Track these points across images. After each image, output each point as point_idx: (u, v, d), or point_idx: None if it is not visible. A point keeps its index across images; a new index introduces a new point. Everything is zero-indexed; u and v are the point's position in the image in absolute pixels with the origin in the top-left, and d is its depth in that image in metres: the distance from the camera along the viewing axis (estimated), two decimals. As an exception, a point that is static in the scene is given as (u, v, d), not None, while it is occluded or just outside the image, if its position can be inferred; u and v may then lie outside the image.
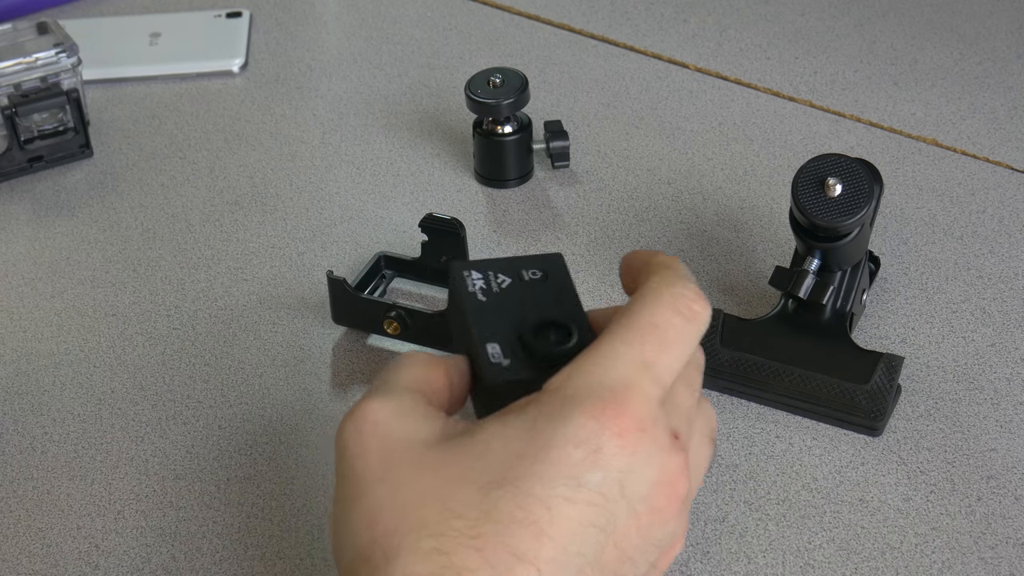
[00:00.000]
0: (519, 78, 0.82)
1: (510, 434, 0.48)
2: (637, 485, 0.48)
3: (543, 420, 0.48)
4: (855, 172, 0.66)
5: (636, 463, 0.48)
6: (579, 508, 0.47)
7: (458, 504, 0.47)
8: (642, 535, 0.49)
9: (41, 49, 0.85)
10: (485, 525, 0.47)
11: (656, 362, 0.49)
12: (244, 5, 1.05)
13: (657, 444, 0.49)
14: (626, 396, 0.48)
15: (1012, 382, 0.70)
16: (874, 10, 1.03)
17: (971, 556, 0.61)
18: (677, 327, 0.50)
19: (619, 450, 0.48)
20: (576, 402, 0.48)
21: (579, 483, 0.47)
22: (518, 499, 0.47)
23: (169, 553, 0.62)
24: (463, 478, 0.48)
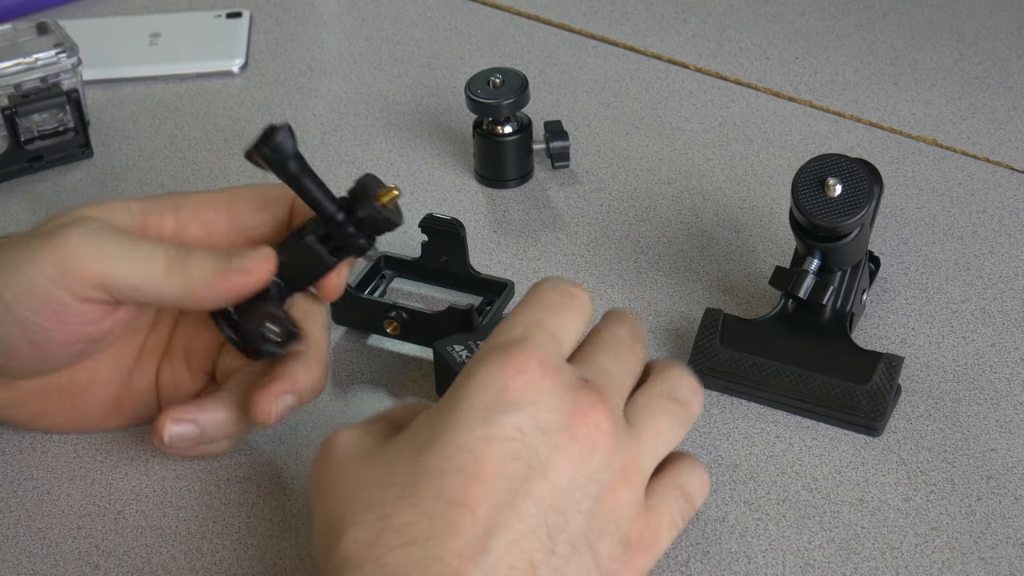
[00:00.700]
0: (519, 78, 0.82)
1: (433, 408, 0.53)
2: (550, 416, 0.52)
3: (455, 385, 0.53)
4: (855, 172, 0.66)
5: (543, 397, 0.52)
6: (498, 445, 0.50)
7: (394, 476, 0.51)
8: (572, 466, 0.51)
9: (41, 49, 0.85)
10: (418, 483, 0.50)
11: (546, 320, 0.55)
12: (244, 5, 1.05)
13: (563, 382, 0.53)
14: (523, 343, 0.53)
15: (1012, 382, 0.70)
16: (874, 10, 1.03)
17: (971, 556, 0.61)
18: (558, 300, 0.56)
19: (524, 385, 0.52)
20: (480, 357, 0.53)
21: (492, 422, 0.51)
22: (443, 451, 0.51)
23: (169, 553, 0.62)
24: (397, 456, 0.52)
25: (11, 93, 0.85)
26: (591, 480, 0.52)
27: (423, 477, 0.50)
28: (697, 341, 0.70)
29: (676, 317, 0.74)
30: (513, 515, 0.50)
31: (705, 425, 0.68)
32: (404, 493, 0.50)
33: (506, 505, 0.50)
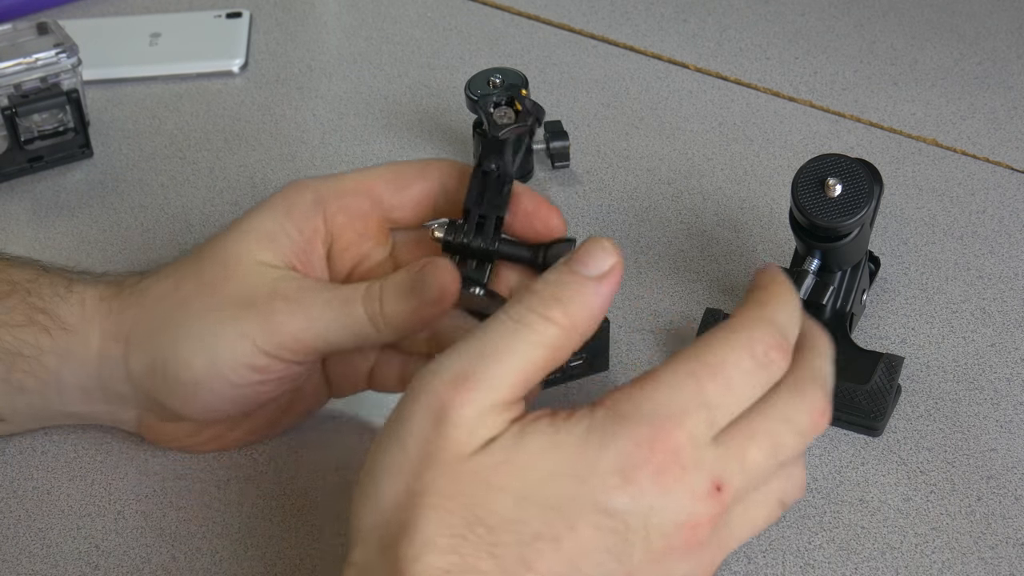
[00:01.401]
0: (519, 78, 0.82)
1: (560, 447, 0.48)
2: (661, 523, 0.48)
3: (592, 435, 0.47)
4: (855, 172, 0.66)
5: (667, 503, 0.47)
6: (601, 533, 0.47)
7: (487, 513, 0.47)
8: (653, 570, 0.48)
9: (41, 49, 0.85)
10: (507, 535, 0.47)
11: (715, 403, 0.48)
12: (244, 5, 1.05)
13: (693, 488, 0.48)
14: (676, 431, 0.47)
15: (1012, 382, 0.70)
16: (874, 10, 1.03)
17: (971, 556, 0.61)
18: (747, 369, 0.49)
19: (653, 486, 0.47)
20: (625, 424, 0.47)
21: (607, 509, 0.47)
22: (546, 514, 0.47)
23: (169, 553, 0.62)
24: (501, 487, 0.47)
25: (11, 93, 0.85)
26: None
27: (515, 531, 0.47)
28: (697, 341, 0.70)
29: (676, 317, 0.74)
30: None
31: (705, 425, 0.68)
32: (489, 537, 0.47)
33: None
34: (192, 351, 0.60)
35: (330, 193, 0.62)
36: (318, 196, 0.62)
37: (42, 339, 0.62)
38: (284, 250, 0.61)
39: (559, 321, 0.49)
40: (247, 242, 0.61)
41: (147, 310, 0.62)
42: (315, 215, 0.62)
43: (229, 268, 0.61)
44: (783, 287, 0.52)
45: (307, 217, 0.62)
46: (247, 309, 0.59)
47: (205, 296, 0.60)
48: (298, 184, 0.63)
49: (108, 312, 0.62)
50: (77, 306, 0.62)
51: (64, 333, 0.62)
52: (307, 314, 0.59)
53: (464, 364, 0.49)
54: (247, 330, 0.59)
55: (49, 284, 0.63)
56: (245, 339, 0.59)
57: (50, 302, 0.63)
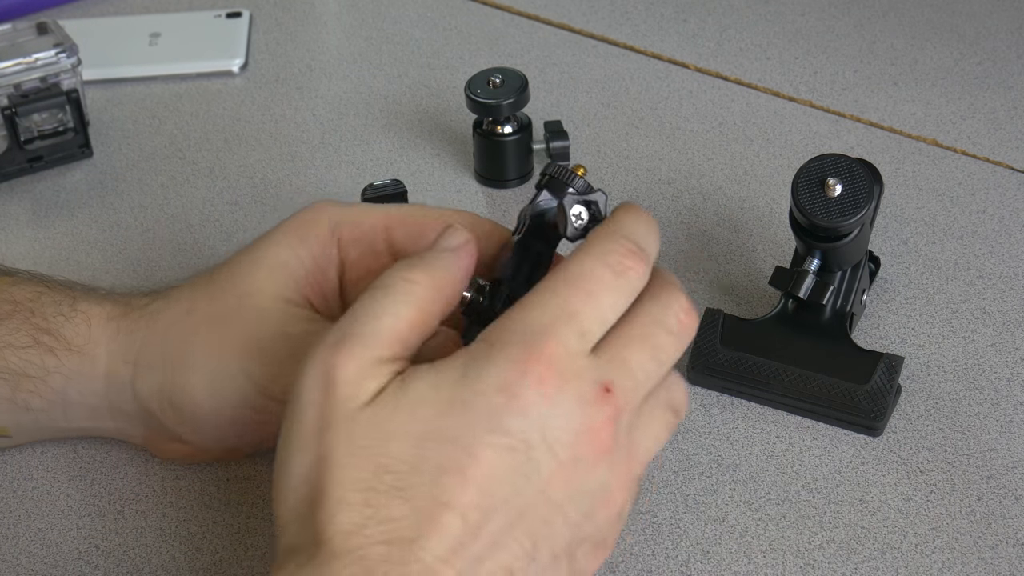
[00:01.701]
0: (519, 78, 0.82)
1: (441, 383, 0.50)
2: (558, 432, 0.49)
3: (470, 366, 0.50)
4: (855, 172, 0.66)
5: (556, 411, 0.49)
6: (500, 453, 0.49)
7: (390, 459, 0.49)
8: (568, 483, 0.50)
9: (41, 49, 0.85)
10: (413, 476, 0.48)
11: (580, 312, 0.50)
12: (244, 5, 1.05)
13: (579, 393, 0.50)
14: (546, 342, 0.50)
15: (1012, 382, 0.70)
16: (874, 10, 1.03)
17: (971, 556, 0.61)
18: (605, 279, 0.51)
19: (538, 397, 0.49)
20: (499, 347, 0.50)
21: (500, 429, 0.49)
22: (444, 448, 0.49)
23: (169, 553, 0.62)
24: (396, 433, 0.49)
25: (11, 93, 0.85)
26: (585, 495, 0.50)
27: (419, 471, 0.48)
28: (697, 341, 0.70)
29: (676, 317, 0.74)
30: (500, 523, 0.49)
31: (705, 425, 0.68)
32: (397, 483, 0.48)
33: (495, 513, 0.49)
34: (197, 386, 0.60)
35: (346, 225, 0.62)
36: (334, 226, 0.61)
37: (47, 360, 0.62)
38: (297, 280, 0.61)
39: (421, 281, 0.52)
40: (260, 273, 0.60)
41: (157, 334, 0.61)
42: (330, 245, 0.61)
43: (240, 302, 0.60)
44: (635, 209, 0.55)
45: (322, 246, 0.61)
46: (254, 352, 0.59)
47: (215, 330, 0.60)
48: (314, 209, 0.62)
49: (116, 333, 0.62)
50: (83, 325, 0.62)
51: (70, 354, 0.62)
52: None
53: (341, 329, 0.51)
54: (252, 373, 0.59)
55: (52, 303, 0.63)
56: (249, 382, 0.59)
57: (54, 322, 0.62)
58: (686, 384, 0.55)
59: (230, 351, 0.60)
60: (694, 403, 0.69)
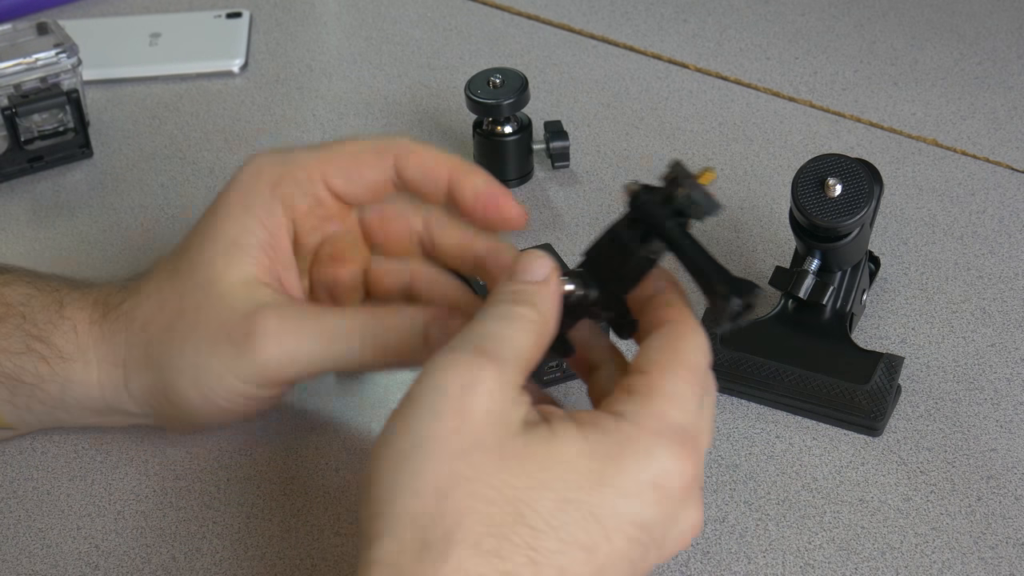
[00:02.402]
0: (519, 78, 0.82)
1: (596, 453, 0.48)
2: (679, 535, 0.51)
3: (628, 449, 0.48)
4: (855, 172, 0.66)
5: (681, 512, 0.50)
6: (630, 544, 0.49)
7: (530, 512, 0.46)
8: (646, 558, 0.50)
9: (41, 49, 0.85)
10: (549, 540, 0.46)
11: (706, 405, 0.52)
12: (244, 5, 1.05)
13: (696, 498, 0.51)
14: (697, 444, 0.50)
15: (1012, 382, 0.70)
16: (874, 10, 1.03)
17: (971, 556, 0.61)
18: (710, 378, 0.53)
19: (681, 497, 0.50)
20: (660, 440, 0.49)
21: (642, 523, 0.48)
22: (588, 523, 0.47)
23: (169, 553, 0.62)
24: (543, 485, 0.47)
25: (11, 93, 0.85)
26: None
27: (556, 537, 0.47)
28: (697, 341, 0.70)
29: (676, 317, 0.74)
30: None
31: (705, 425, 0.68)
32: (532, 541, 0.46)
33: None
34: (184, 384, 0.60)
35: (285, 182, 0.61)
36: (274, 186, 0.61)
37: (41, 367, 0.62)
38: (251, 253, 0.60)
39: (534, 317, 0.51)
40: (217, 259, 0.60)
41: (136, 335, 0.61)
42: (275, 207, 0.61)
43: (204, 293, 0.60)
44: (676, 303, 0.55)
45: (269, 211, 0.61)
46: (227, 345, 0.59)
47: (186, 323, 0.60)
48: (252, 171, 0.61)
49: (101, 338, 0.62)
50: (71, 333, 0.62)
51: (62, 362, 0.62)
52: (292, 350, 0.58)
53: (471, 341, 0.49)
54: (230, 366, 0.59)
55: (42, 307, 0.63)
56: (229, 374, 0.59)
57: (44, 328, 0.62)
58: None
59: (205, 346, 0.59)
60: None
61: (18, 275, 0.65)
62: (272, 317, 0.58)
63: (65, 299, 0.63)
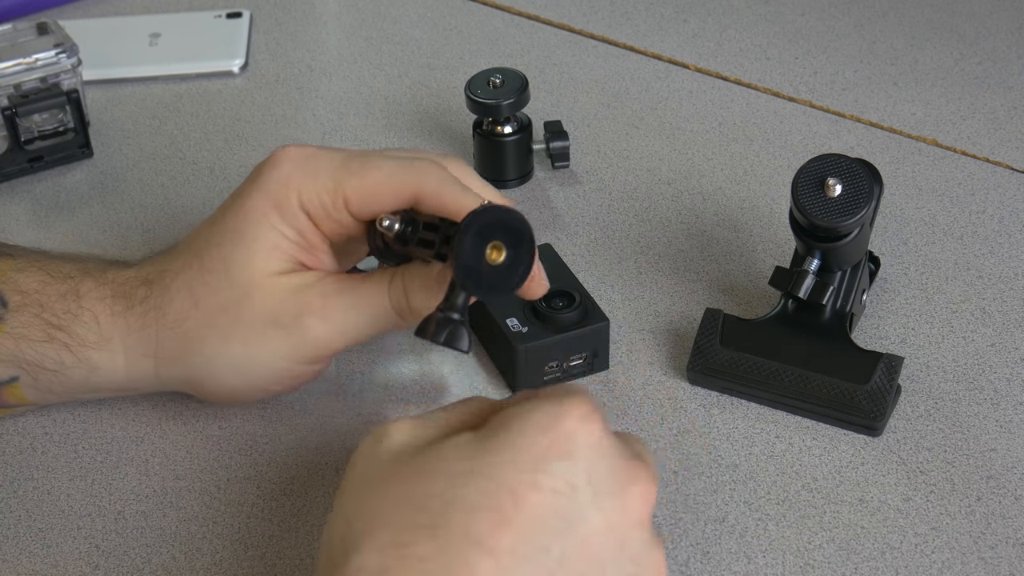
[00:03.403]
0: (519, 78, 0.82)
1: (481, 434, 0.49)
2: (606, 477, 0.48)
3: (508, 417, 0.49)
4: (855, 172, 0.66)
5: (604, 457, 0.49)
6: (544, 495, 0.47)
7: (425, 499, 0.47)
8: (613, 539, 0.48)
9: (41, 49, 0.85)
10: (446, 514, 0.47)
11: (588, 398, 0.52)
12: (244, 5, 1.05)
13: (621, 449, 0.50)
14: (582, 392, 0.50)
15: (1012, 382, 0.70)
16: (874, 10, 1.03)
17: (971, 556, 0.61)
18: None
19: (586, 438, 0.48)
20: (538, 399, 0.50)
21: (545, 469, 0.47)
22: (483, 485, 0.47)
23: (169, 553, 0.62)
24: (433, 473, 0.48)
25: (11, 93, 0.85)
26: (629, 559, 0.49)
27: (454, 508, 0.46)
28: (697, 341, 0.70)
29: (676, 317, 0.74)
30: (535, 572, 0.46)
31: (705, 425, 0.68)
32: (430, 522, 0.46)
33: (530, 560, 0.46)
34: (226, 373, 0.63)
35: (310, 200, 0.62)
36: (301, 201, 0.62)
37: (64, 355, 0.63)
38: (291, 252, 0.63)
39: None
40: (256, 257, 0.62)
41: (169, 330, 0.63)
42: (303, 217, 0.62)
43: (245, 289, 0.62)
44: None
45: (297, 218, 0.62)
46: (276, 330, 0.62)
47: (230, 318, 0.62)
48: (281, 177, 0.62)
49: (127, 330, 0.63)
50: (92, 323, 0.63)
51: (86, 350, 0.63)
52: (336, 323, 0.62)
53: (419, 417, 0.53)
54: (279, 350, 0.62)
55: (59, 296, 0.64)
56: (277, 358, 0.62)
57: (64, 318, 0.63)
58: None
59: (255, 336, 0.62)
60: (694, 403, 0.69)
61: (29, 260, 0.66)
62: (316, 297, 0.62)
63: (81, 289, 0.64)
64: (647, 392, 0.70)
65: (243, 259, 0.62)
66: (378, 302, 0.62)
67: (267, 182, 0.62)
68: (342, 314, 0.62)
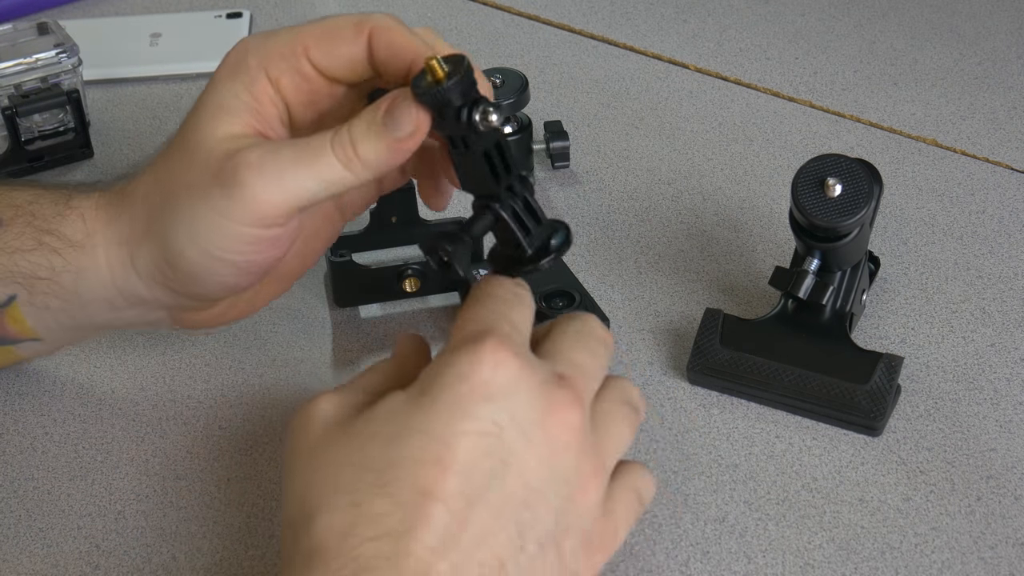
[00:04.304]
0: (519, 78, 0.82)
1: (407, 393, 0.52)
2: (526, 411, 0.51)
3: (430, 373, 0.52)
4: (855, 172, 0.66)
5: (521, 390, 0.52)
6: (473, 440, 0.50)
7: (367, 460, 0.51)
8: (544, 464, 0.52)
9: (41, 50, 0.85)
10: (393, 471, 0.50)
11: (507, 313, 0.55)
12: (244, 5, 1.05)
13: (539, 377, 0.52)
14: (494, 333, 0.52)
15: (1012, 382, 0.70)
16: (874, 10, 1.03)
17: (971, 556, 0.61)
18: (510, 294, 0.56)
19: (502, 378, 0.51)
20: (452, 350, 0.52)
21: (470, 415, 0.50)
22: (419, 440, 0.50)
23: (169, 553, 0.62)
24: (371, 437, 0.51)
25: (11, 93, 0.85)
26: (562, 479, 0.52)
27: (397, 466, 0.50)
28: (697, 341, 0.70)
29: (676, 317, 0.74)
30: (485, 511, 0.50)
31: (705, 425, 0.68)
32: (379, 480, 0.50)
33: (479, 500, 0.50)
34: (182, 243, 0.60)
35: (268, 55, 0.61)
36: (258, 58, 0.61)
37: (54, 260, 0.63)
38: (242, 116, 0.60)
39: None
40: (205, 119, 0.60)
41: (137, 209, 0.62)
42: (260, 77, 0.60)
43: (194, 150, 0.60)
44: None
45: (254, 80, 0.60)
46: (217, 188, 0.58)
47: (180, 183, 0.60)
48: (238, 48, 0.62)
49: (108, 221, 0.63)
50: (79, 221, 0.63)
51: (73, 250, 0.63)
52: (277, 178, 0.58)
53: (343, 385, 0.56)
54: (222, 208, 0.58)
55: (50, 202, 0.64)
56: (223, 218, 0.58)
57: (53, 221, 0.63)
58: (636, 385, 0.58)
59: (198, 198, 0.59)
60: (694, 403, 0.69)
61: (25, 181, 0.67)
62: (254, 150, 0.58)
63: (72, 193, 0.65)
64: (647, 392, 0.70)
65: (194, 124, 0.61)
66: (320, 153, 0.58)
67: (226, 57, 0.62)
68: (279, 168, 0.58)
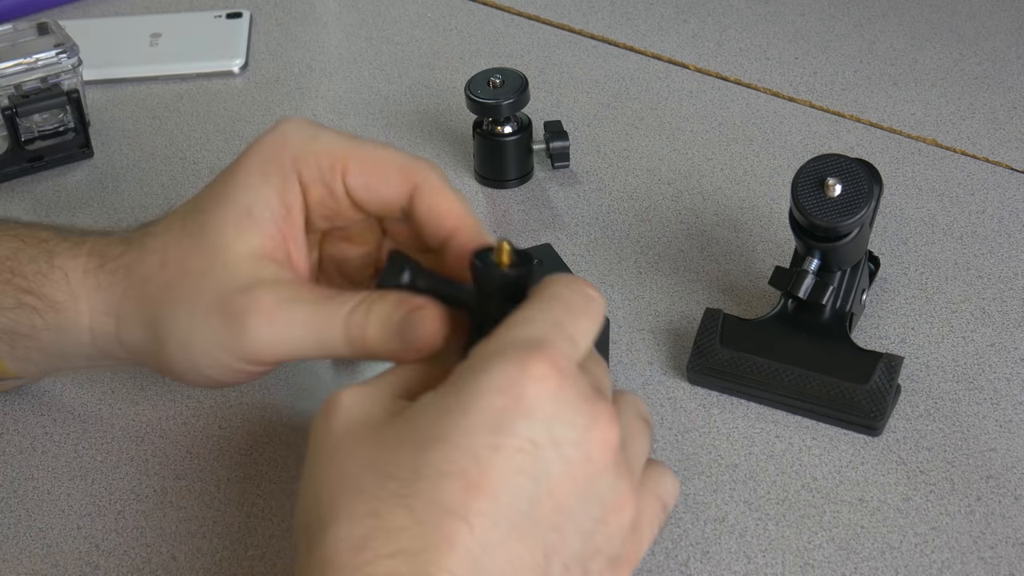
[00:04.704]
0: (519, 78, 0.82)
1: (440, 396, 0.49)
2: (566, 430, 0.48)
3: (466, 375, 0.49)
4: (855, 172, 0.66)
5: (562, 408, 0.48)
6: (507, 456, 0.47)
7: (392, 467, 0.48)
8: (577, 485, 0.48)
9: (41, 50, 0.85)
10: (416, 483, 0.47)
11: (567, 323, 0.51)
12: (244, 5, 1.05)
13: (581, 392, 0.49)
14: (544, 345, 0.49)
15: (1012, 382, 0.70)
16: (874, 10, 1.03)
17: (971, 556, 0.61)
18: (579, 302, 0.52)
19: (543, 394, 0.48)
20: (496, 354, 0.49)
21: (505, 430, 0.47)
22: (445, 452, 0.47)
23: (169, 553, 0.62)
24: (399, 442, 0.48)
25: (11, 93, 0.85)
26: (597, 499, 0.49)
27: (421, 477, 0.47)
28: (697, 341, 0.70)
29: (676, 317, 0.74)
30: (511, 534, 0.47)
31: (705, 425, 0.68)
32: (401, 490, 0.47)
33: (505, 521, 0.47)
34: (173, 347, 0.59)
35: (305, 158, 0.59)
36: (294, 159, 0.59)
37: (34, 319, 0.62)
38: (268, 228, 0.59)
39: None
40: (228, 224, 0.58)
41: (134, 289, 0.60)
42: (292, 181, 0.59)
43: (210, 259, 0.58)
44: None
45: (286, 184, 0.59)
46: (219, 316, 0.57)
47: (187, 287, 0.59)
48: (276, 136, 0.60)
49: (96, 287, 0.61)
50: (62, 282, 0.61)
51: (54, 312, 0.61)
52: (283, 332, 0.57)
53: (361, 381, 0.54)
54: (220, 339, 0.58)
55: (30, 259, 0.62)
56: (218, 348, 0.58)
57: (34, 280, 0.62)
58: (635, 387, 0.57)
59: (200, 315, 0.58)
60: (694, 403, 0.69)
61: (5, 228, 0.65)
62: (268, 295, 0.57)
63: (54, 249, 0.62)
64: (647, 392, 0.70)
65: (218, 224, 0.59)
66: (332, 325, 0.57)
67: (263, 144, 0.60)
68: (288, 324, 0.57)
